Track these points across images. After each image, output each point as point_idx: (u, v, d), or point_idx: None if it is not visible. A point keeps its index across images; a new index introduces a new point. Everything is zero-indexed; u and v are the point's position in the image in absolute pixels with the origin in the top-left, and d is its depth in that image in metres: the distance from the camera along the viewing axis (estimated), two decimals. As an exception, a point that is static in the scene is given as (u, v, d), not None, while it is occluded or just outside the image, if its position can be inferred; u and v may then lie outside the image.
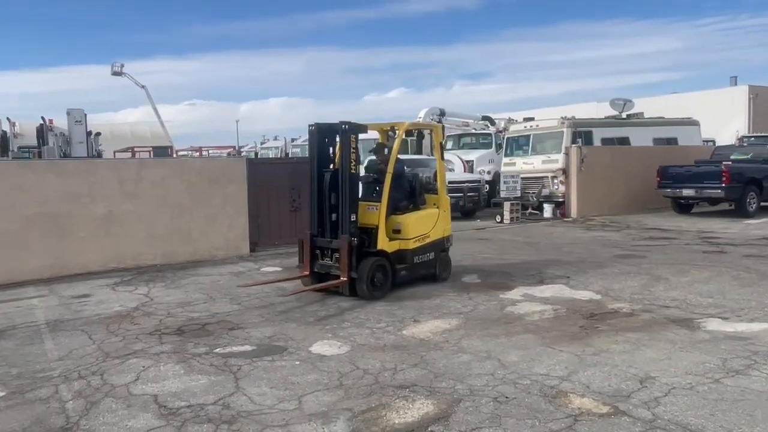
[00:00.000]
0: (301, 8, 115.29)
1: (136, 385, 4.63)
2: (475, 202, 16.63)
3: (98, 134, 22.95)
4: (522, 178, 16.42)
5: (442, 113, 22.34)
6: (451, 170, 18.14)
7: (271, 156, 34.98)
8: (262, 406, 4.19)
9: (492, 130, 21.75)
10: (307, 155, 8.02)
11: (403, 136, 8.38)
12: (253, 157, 31.24)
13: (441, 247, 8.19)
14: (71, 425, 3.96)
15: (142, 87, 33.99)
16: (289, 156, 31.94)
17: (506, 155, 18.08)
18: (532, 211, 16.65)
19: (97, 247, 9.58)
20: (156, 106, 34.90)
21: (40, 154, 19.70)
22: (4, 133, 22.85)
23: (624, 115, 19.26)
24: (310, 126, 7.58)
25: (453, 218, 16.03)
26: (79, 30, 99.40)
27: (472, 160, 19.20)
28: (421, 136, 8.26)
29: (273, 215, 11.49)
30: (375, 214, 7.44)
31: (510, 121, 22.33)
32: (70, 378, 4.82)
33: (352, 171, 7.15)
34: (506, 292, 7.47)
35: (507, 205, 15.60)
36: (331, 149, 7.64)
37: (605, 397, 4.18)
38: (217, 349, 5.46)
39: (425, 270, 7.91)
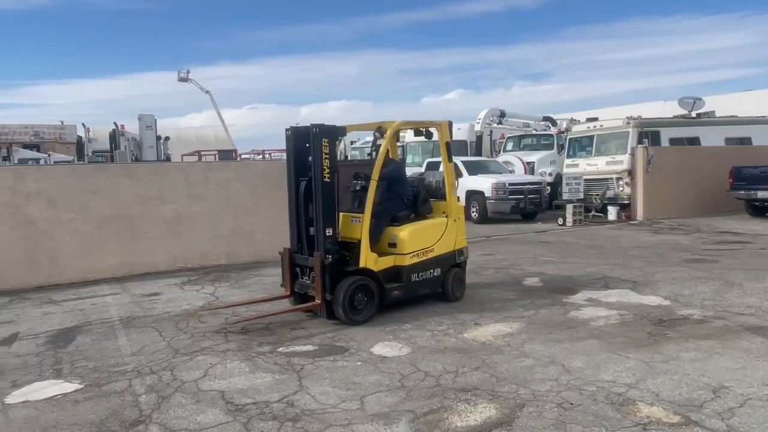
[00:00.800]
0: (357, 11, 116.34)
1: (204, 381, 4.78)
2: (536, 204, 16.36)
3: (167, 139, 23.84)
4: (585, 180, 16.03)
5: (503, 114, 22.11)
6: (512, 172, 17.96)
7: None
8: (325, 405, 4.25)
9: (553, 130, 21.35)
10: (368, 157, 7.98)
11: (413, 137, 7.90)
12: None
13: (450, 262, 7.16)
14: (144, 418, 4.13)
15: (207, 92, 35.17)
16: (348, 158, 32.26)
17: (569, 156, 17.71)
18: (596, 214, 16.23)
19: (165, 247, 9.94)
20: (219, 111, 36.07)
21: (112, 158, 20.64)
22: (80, 138, 24.00)
23: (694, 114, 18.54)
24: (287, 130, 6.83)
25: (513, 221, 16.03)
26: (148, 39, 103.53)
27: (533, 162, 18.93)
28: (430, 135, 7.27)
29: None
30: (359, 227, 6.57)
31: (572, 121, 21.85)
32: (143, 373, 5.03)
33: (326, 180, 6.27)
34: (569, 297, 7.32)
35: (569, 208, 15.27)
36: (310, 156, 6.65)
37: (676, 407, 4.04)
38: (281, 348, 5.58)
39: (428, 289, 6.99)
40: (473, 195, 16.28)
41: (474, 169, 16.87)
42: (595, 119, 19.09)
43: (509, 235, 13.69)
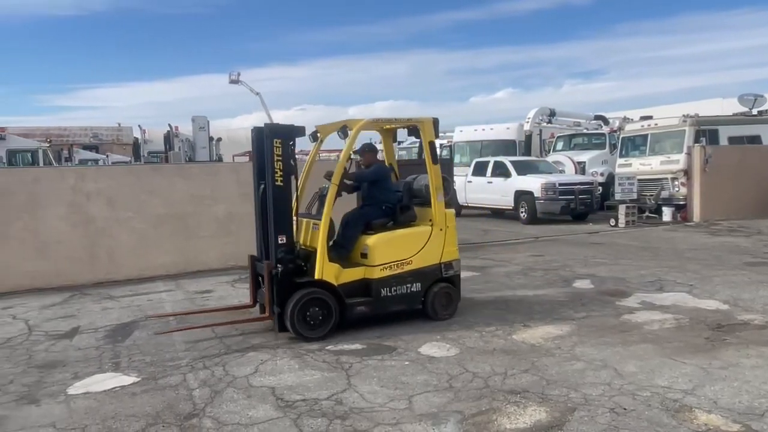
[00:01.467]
0: (405, 12, 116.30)
1: (255, 377, 4.87)
2: (587, 204, 16.02)
3: (219, 139, 24.39)
4: (638, 180, 15.60)
5: (552, 113, 21.75)
6: (562, 172, 17.64)
7: (378, 158, 35.49)
8: (373, 404, 4.27)
9: (605, 129, 20.89)
10: (416, 157, 7.96)
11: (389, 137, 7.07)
12: (361, 159, 31.78)
13: (434, 276, 6.41)
14: (198, 411, 4.24)
15: (257, 94, 35.67)
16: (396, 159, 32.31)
17: (621, 156, 17.29)
18: (650, 215, 15.80)
19: (217, 246, 10.17)
20: (269, 112, 36.50)
21: (167, 159, 21.23)
22: (137, 139, 24.75)
23: (754, 112, 17.83)
24: (252, 130, 6.48)
25: (563, 222, 15.75)
26: (200, 42, 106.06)
27: (584, 161, 18.56)
28: (416, 133, 6.54)
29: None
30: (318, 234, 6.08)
31: (625, 120, 21.32)
32: (196, 368, 5.16)
33: (278, 183, 5.87)
34: (622, 300, 7.14)
35: (622, 208, 14.89)
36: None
37: (735, 415, 3.90)
38: (329, 347, 5.63)
39: (403, 305, 6.28)
40: (522, 195, 16.08)
41: (523, 169, 16.65)
42: (650, 117, 18.59)
43: (559, 236, 13.46)
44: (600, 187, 17.12)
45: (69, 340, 6.19)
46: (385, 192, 6.60)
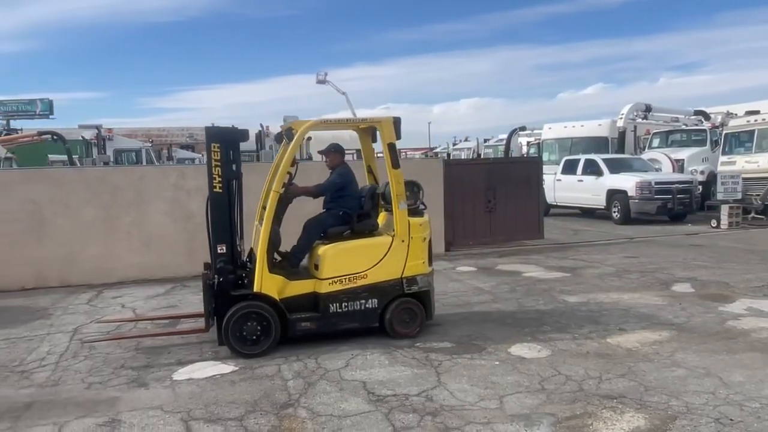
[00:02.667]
0: (493, 8, 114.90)
1: (347, 371, 4.98)
2: (686, 204, 15.22)
3: (309, 139, 24.96)
4: (743, 179, 14.66)
5: (648, 109, 20.83)
6: (658, 170, 16.87)
7: (462, 157, 35.29)
8: (464, 402, 4.26)
9: (706, 125, 19.75)
10: (502, 155, 7.79)
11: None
12: (446, 158, 31.71)
13: (395, 292, 5.78)
14: (293, 402, 4.39)
15: (343, 93, 36.34)
16: (481, 156, 32.00)
17: (724, 153, 16.33)
18: (756, 216, 14.81)
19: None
20: (354, 111, 37.08)
21: (258, 158, 21.98)
22: (259, 133, 25.48)
23: None
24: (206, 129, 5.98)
25: (659, 222, 15.04)
26: (289, 44, 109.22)
27: (683, 159, 17.64)
28: (373, 135, 6.23)
29: (468, 215, 11.58)
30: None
31: (729, 115, 20.08)
32: (290, 359, 5.33)
33: (216, 189, 5.54)
34: (725, 305, 6.75)
35: (725, 209, 14.04)
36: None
37: None
38: (418, 343, 5.66)
39: (355, 323, 5.72)
40: (615, 194, 15.50)
41: (616, 167, 16.04)
42: (756, 112, 17.39)
43: (655, 237, 12.87)
44: (700, 186, 16.24)
45: (172, 329, 6.55)
46: (346, 198, 6.12)
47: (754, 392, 4.26)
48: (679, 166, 17.41)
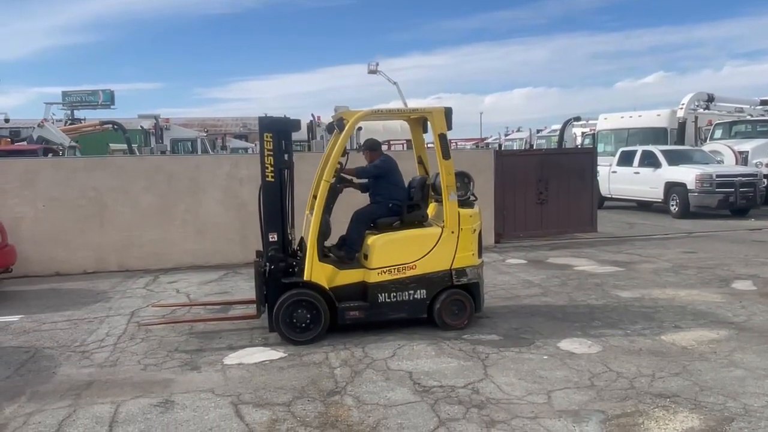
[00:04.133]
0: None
1: (393, 361, 5.00)
2: (749, 198, 14.59)
3: (359, 129, 25.07)
4: (812, 172, 13.97)
5: (710, 99, 20.02)
6: (720, 162, 16.23)
7: (515, 147, 34.76)
8: (511, 396, 4.22)
9: (773, 116, 18.86)
10: (555, 146, 7.60)
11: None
12: (497, 148, 31.33)
13: (443, 283, 5.78)
14: (340, 389, 4.43)
15: (394, 83, 36.14)
16: (534, 147, 31.44)
17: (792, 145, 15.55)
18: (826, 211, 14.10)
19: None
20: (405, 101, 36.94)
21: (309, 147, 22.22)
22: (311, 123, 25.88)
23: None
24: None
25: (720, 217, 14.48)
26: (342, 33, 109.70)
27: (747, 151, 16.87)
28: (424, 125, 6.09)
29: (519, 207, 11.42)
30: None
31: (797, 105, 19.10)
32: (337, 347, 5.38)
33: (268, 179, 5.64)
34: (791, 304, 6.46)
35: (791, 203, 13.42)
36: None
37: None
38: (465, 336, 5.63)
39: (403, 313, 5.74)
40: (673, 187, 14.99)
41: (675, 158, 15.50)
42: (828, 101, 16.51)
43: (715, 231, 12.40)
44: (765, 180, 15.52)
45: (224, 314, 6.71)
46: (392, 188, 6.11)
47: (818, 396, 4.07)
48: (742, 158, 16.67)
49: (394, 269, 5.70)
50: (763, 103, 21.07)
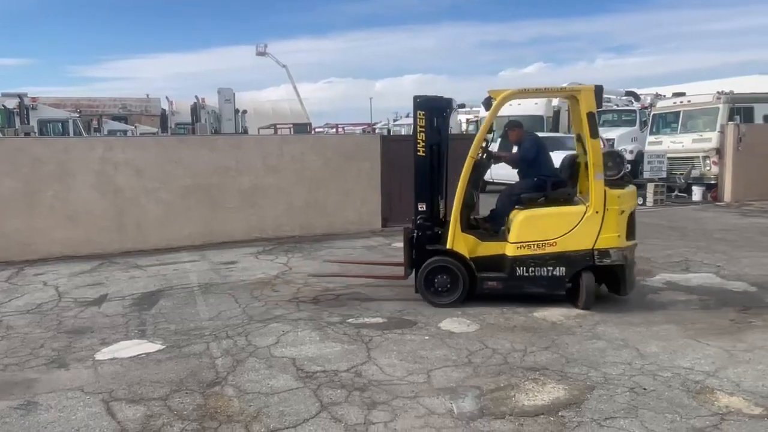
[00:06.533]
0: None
1: (277, 348, 4.94)
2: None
3: (244, 112, 24.51)
4: (669, 158, 15.30)
5: (581, 89, 21.29)
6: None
7: (403, 133, 35.31)
8: (392, 377, 4.31)
9: (636, 106, 20.42)
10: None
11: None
12: (386, 133, 31.63)
13: (584, 263, 5.78)
14: (220, 380, 4.32)
15: (284, 66, 35.76)
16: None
17: (652, 133, 16.96)
18: (679, 194, 15.51)
19: (242, 218, 10.26)
20: (296, 85, 36.52)
21: (193, 131, 21.40)
22: (164, 111, 25.01)
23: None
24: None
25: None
26: (229, 14, 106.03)
27: (613, 138, 18.17)
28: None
29: (405, 192, 11.53)
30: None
31: (657, 96, 20.82)
32: (219, 337, 5.25)
33: (419, 153, 6.13)
34: (646, 279, 7.06)
35: (650, 187, 14.65)
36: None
37: (758, 398, 3.85)
38: (350, 320, 5.68)
39: (541, 288, 5.89)
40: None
41: (549, 145, 16.36)
42: (682, 94, 18.13)
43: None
44: (629, 165, 16.80)
45: (97, 307, 6.34)
46: (538, 165, 6.43)
47: (667, 363, 4.48)
48: (609, 145, 17.94)
49: (534, 245, 5.84)
50: (628, 93, 22.78)
